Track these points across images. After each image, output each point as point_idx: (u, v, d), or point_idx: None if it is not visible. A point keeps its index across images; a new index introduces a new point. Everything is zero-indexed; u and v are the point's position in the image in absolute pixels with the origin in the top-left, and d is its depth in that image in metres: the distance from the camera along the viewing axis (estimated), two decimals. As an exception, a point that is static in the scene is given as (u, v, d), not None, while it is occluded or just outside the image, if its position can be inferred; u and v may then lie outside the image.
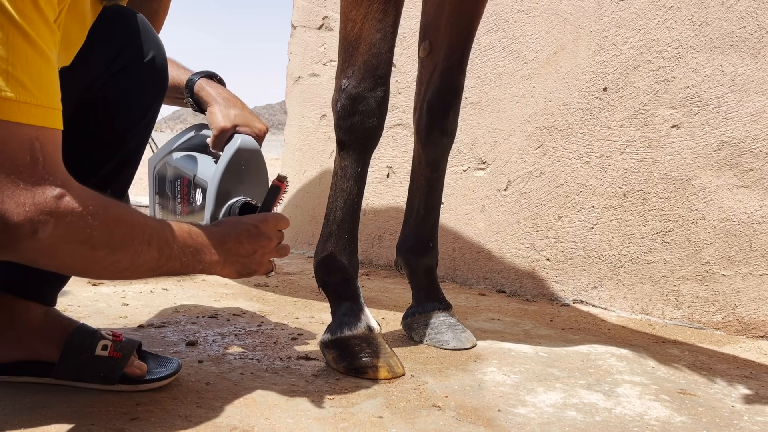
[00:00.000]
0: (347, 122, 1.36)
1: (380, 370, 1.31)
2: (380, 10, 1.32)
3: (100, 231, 0.86)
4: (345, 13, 1.36)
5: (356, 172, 1.39)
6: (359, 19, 1.33)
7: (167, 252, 0.96)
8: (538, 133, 2.31)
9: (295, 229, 3.06)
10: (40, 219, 0.79)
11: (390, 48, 1.35)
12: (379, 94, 1.35)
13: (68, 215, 0.82)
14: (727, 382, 1.47)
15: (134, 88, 1.17)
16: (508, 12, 2.38)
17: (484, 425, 1.12)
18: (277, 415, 1.09)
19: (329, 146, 2.90)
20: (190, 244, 1.01)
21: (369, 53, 1.33)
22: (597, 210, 2.20)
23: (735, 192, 1.96)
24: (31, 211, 0.79)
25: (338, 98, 1.37)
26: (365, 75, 1.34)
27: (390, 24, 1.34)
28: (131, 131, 1.20)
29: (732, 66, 1.95)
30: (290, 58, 3.12)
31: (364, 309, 1.41)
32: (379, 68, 1.34)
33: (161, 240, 0.96)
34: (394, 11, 1.34)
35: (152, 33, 1.19)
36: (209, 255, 1.05)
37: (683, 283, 2.04)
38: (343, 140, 1.39)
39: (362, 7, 1.32)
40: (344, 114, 1.36)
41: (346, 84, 1.35)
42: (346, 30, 1.36)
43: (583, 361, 1.55)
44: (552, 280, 2.29)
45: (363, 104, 1.34)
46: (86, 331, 1.15)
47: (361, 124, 1.35)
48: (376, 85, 1.34)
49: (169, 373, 1.18)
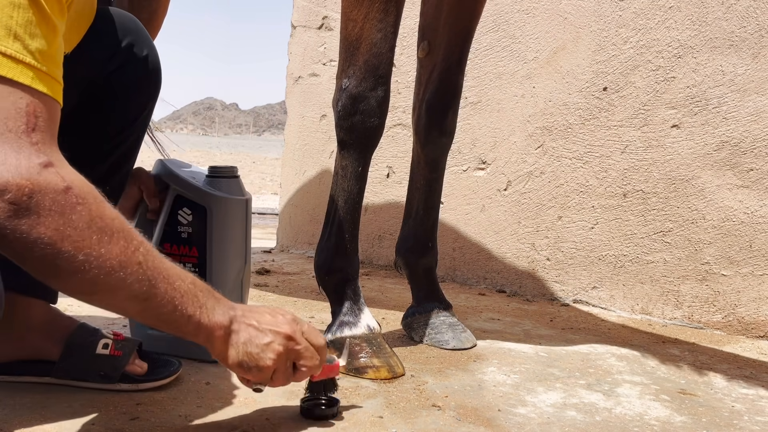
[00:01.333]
0: (348, 122, 1.36)
1: (380, 370, 1.31)
2: (381, 10, 1.32)
3: (81, 223, 0.75)
4: (346, 13, 1.36)
5: (357, 172, 1.39)
6: (360, 18, 1.33)
7: (158, 288, 0.82)
8: (538, 133, 2.31)
9: (295, 229, 3.06)
10: (18, 183, 0.71)
11: (391, 48, 1.35)
12: (380, 93, 1.35)
13: (49, 191, 0.73)
14: (727, 382, 1.47)
15: (130, 88, 1.18)
16: (508, 12, 2.38)
17: (484, 425, 1.12)
18: (277, 415, 1.09)
19: (329, 146, 2.90)
20: (190, 286, 0.86)
21: (370, 53, 1.33)
22: (597, 210, 2.20)
23: (735, 192, 1.96)
24: (11, 172, 0.71)
25: (339, 98, 1.37)
26: (366, 75, 1.34)
27: (391, 24, 1.34)
28: (127, 130, 1.21)
29: (732, 66, 1.95)
30: (290, 58, 3.12)
31: (364, 309, 1.41)
32: (380, 68, 1.34)
33: (154, 265, 0.82)
34: (395, 11, 1.34)
35: (145, 34, 1.20)
36: (212, 310, 0.88)
37: (683, 283, 2.04)
38: (343, 140, 1.39)
39: (363, 7, 1.32)
40: (345, 113, 1.36)
41: (347, 84, 1.35)
42: (347, 30, 1.36)
43: (583, 361, 1.55)
44: (552, 280, 2.29)
45: (364, 104, 1.34)
46: (87, 330, 1.15)
47: (362, 124, 1.36)
48: (377, 84, 1.34)
49: (169, 373, 1.19)
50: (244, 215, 1.36)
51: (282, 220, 3.20)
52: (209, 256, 1.32)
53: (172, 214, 1.33)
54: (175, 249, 1.33)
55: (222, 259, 1.33)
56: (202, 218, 1.32)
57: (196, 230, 1.33)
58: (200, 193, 1.31)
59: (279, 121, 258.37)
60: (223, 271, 1.33)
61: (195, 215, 1.32)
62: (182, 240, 1.34)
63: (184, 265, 1.35)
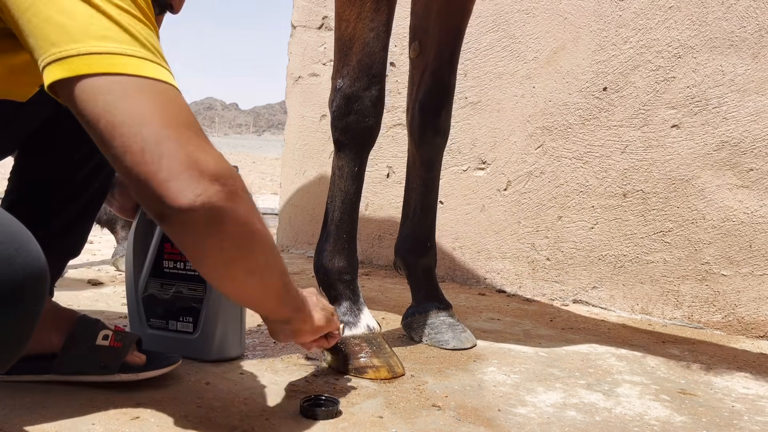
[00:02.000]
0: (343, 122, 1.36)
1: (380, 370, 1.31)
2: (373, 9, 1.32)
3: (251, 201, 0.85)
4: (339, 13, 1.36)
5: (353, 172, 1.39)
6: (353, 18, 1.33)
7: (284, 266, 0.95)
8: (538, 133, 2.31)
9: (295, 229, 3.06)
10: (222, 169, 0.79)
11: (384, 47, 1.35)
12: (374, 93, 1.35)
13: (234, 173, 0.82)
14: (727, 382, 1.47)
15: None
16: (508, 12, 2.38)
17: (484, 425, 1.12)
18: (277, 415, 1.09)
19: (329, 146, 2.90)
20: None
21: (363, 52, 1.33)
22: (597, 210, 2.20)
23: (735, 192, 1.96)
24: (214, 161, 0.78)
25: (334, 98, 1.37)
26: (359, 74, 1.34)
27: (383, 23, 1.34)
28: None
29: (732, 66, 1.95)
30: (290, 58, 3.12)
31: (364, 309, 1.41)
32: (374, 67, 1.34)
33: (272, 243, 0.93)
34: (387, 10, 1.34)
35: None
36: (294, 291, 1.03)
37: (683, 283, 2.04)
38: (339, 140, 1.39)
39: (355, 7, 1.32)
40: (339, 114, 1.36)
41: (341, 84, 1.35)
42: (340, 30, 1.36)
43: (583, 361, 1.55)
44: (552, 280, 2.29)
45: (358, 103, 1.34)
46: (88, 321, 1.16)
47: (357, 124, 1.35)
48: (370, 84, 1.34)
49: (168, 363, 1.19)
50: None
51: (282, 220, 3.20)
52: None
53: None
54: (176, 249, 1.33)
55: None
56: None
57: None
58: None
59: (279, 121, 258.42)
60: None
61: None
62: None
63: (184, 264, 1.35)
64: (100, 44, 0.75)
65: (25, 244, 0.69)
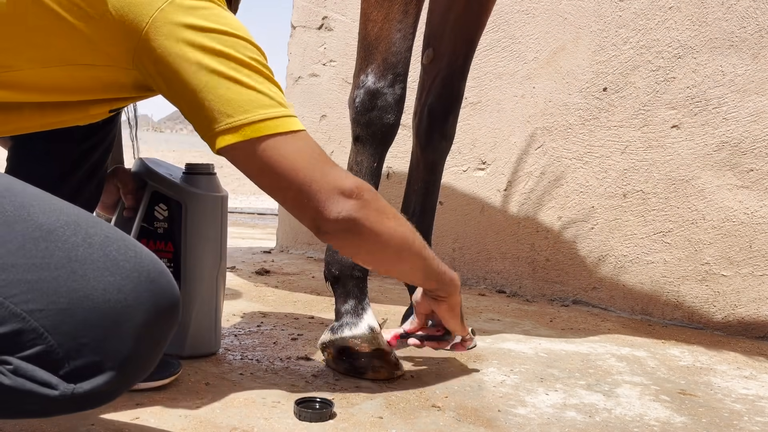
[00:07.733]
0: (365, 117, 1.38)
1: (380, 370, 1.31)
2: (401, 11, 1.35)
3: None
4: (366, 14, 1.39)
5: (372, 167, 1.42)
6: (380, 19, 1.36)
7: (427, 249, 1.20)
8: (538, 134, 2.31)
9: (295, 230, 3.06)
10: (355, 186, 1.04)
11: (409, 48, 1.38)
12: (398, 91, 1.37)
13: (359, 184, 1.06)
14: (727, 382, 1.47)
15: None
16: (508, 12, 2.38)
17: (484, 426, 1.12)
18: (277, 415, 1.09)
19: (329, 146, 2.90)
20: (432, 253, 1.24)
21: (389, 51, 1.36)
22: (597, 210, 2.20)
23: (735, 192, 1.96)
24: (351, 185, 1.03)
25: (356, 94, 1.40)
26: (384, 72, 1.37)
27: (410, 24, 1.37)
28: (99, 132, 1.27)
29: (732, 66, 1.95)
30: (290, 58, 3.12)
31: (367, 309, 1.41)
32: (398, 66, 1.37)
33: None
34: (414, 12, 1.37)
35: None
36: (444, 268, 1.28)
37: (683, 284, 2.04)
38: (359, 135, 1.41)
39: (383, 9, 1.35)
40: (362, 109, 1.38)
41: (365, 80, 1.38)
42: (366, 30, 1.39)
43: (583, 362, 1.55)
44: (552, 280, 2.29)
45: (381, 99, 1.37)
46: None
47: (379, 119, 1.38)
48: (394, 82, 1.37)
49: (169, 373, 1.18)
50: (219, 212, 1.36)
51: (282, 220, 3.20)
52: (183, 252, 1.33)
53: (149, 211, 1.34)
54: (152, 245, 1.34)
55: (196, 255, 1.34)
56: (177, 214, 1.32)
57: (171, 226, 1.33)
58: (176, 189, 1.32)
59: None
60: (197, 267, 1.34)
61: (171, 211, 1.33)
62: (158, 236, 1.34)
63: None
64: (260, 112, 0.95)
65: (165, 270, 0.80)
